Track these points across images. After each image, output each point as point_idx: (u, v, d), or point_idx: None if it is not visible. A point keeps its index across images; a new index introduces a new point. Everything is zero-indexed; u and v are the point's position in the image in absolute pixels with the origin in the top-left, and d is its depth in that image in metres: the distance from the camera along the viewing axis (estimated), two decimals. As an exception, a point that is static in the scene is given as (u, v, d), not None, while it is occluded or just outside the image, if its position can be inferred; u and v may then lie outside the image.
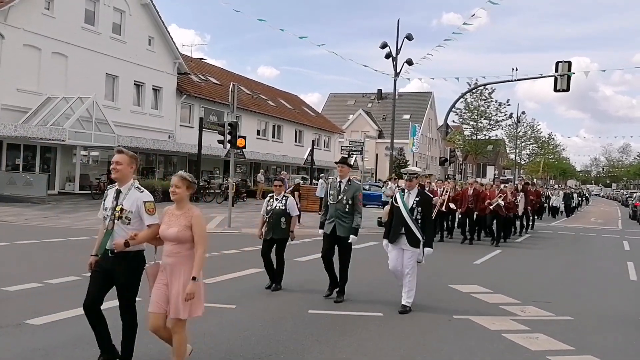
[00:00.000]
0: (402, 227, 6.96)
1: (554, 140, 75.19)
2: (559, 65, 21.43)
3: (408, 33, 23.39)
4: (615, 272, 11.88)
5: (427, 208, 7.09)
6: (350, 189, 7.42)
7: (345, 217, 7.37)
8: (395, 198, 7.15)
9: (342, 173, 7.56)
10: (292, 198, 8.25)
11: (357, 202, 7.42)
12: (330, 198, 7.54)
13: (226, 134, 16.10)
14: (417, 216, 6.96)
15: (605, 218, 35.19)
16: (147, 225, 4.53)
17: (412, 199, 7.01)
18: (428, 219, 7.09)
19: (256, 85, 43.74)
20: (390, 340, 5.85)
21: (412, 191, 7.08)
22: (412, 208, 6.96)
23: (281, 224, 8.01)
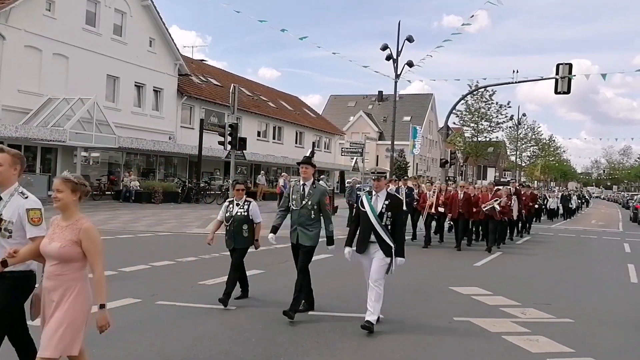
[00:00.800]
0: (370, 234, 6.21)
1: (554, 143, 75.23)
2: (560, 68, 21.43)
3: (409, 35, 23.37)
4: (615, 274, 11.87)
5: (397, 213, 6.27)
6: (316, 193, 6.66)
7: (310, 224, 6.65)
8: (362, 202, 6.34)
9: (305, 175, 6.75)
10: (255, 203, 7.47)
11: (324, 208, 6.72)
12: (293, 203, 6.72)
13: (227, 135, 16.11)
14: (386, 222, 6.18)
15: (606, 220, 35.16)
16: (30, 239, 3.66)
17: (380, 203, 6.23)
18: (399, 225, 6.29)
19: (257, 87, 43.78)
20: (390, 342, 5.84)
21: (380, 194, 6.31)
22: (380, 213, 6.18)
23: (243, 231, 7.24)
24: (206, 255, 10.61)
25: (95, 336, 4.87)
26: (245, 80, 42.80)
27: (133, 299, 6.93)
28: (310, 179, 6.76)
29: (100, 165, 27.39)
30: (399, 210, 6.34)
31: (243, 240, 7.28)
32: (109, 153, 27.03)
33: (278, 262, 10.88)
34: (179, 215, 19.29)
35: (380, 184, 6.36)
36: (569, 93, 21.75)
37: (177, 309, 6.59)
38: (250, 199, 7.46)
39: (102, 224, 15.93)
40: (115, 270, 8.77)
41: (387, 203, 6.23)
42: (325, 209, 6.75)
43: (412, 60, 23.72)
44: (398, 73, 23.68)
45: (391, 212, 6.20)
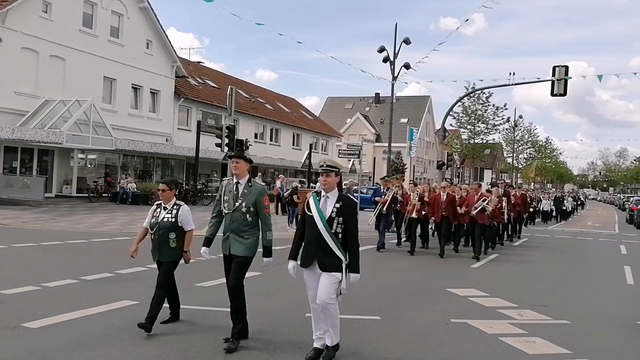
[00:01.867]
0: (316, 244, 5.01)
1: (551, 145, 75.41)
2: (556, 70, 21.49)
3: (405, 37, 23.43)
4: (612, 276, 11.90)
5: (351, 218, 5.06)
6: (252, 193, 5.58)
7: (244, 230, 5.54)
8: (308, 204, 5.14)
9: (237, 171, 5.60)
10: (186, 207, 6.17)
11: (261, 210, 5.58)
12: (225, 206, 5.62)
13: (224, 137, 16.11)
14: (337, 229, 4.98)
15: (602, 222, 35.24)
16: None
17: (330, 206, 5.02)
18: (352, 234, 5.07)
19: (254, 89, 43.79)
20: (387, 344, 5.85)
21: (330, 194, 5.06)
22: (330, 218, 4.98)
23: (170, 241, 5.98)
24: (203, 258, 10.59)
25: (92, 338, 4.87)
26: (243, 82, 42.82)
27: (130, 301, 6.93)
28: (245, 176, 5.66)
29: (97, 167, 27.37)
30: (353, 215, 5.08)
31: (170, 251, 6.02)
32: (105, 155, 27.00)
33: (275, 264, 10.86)
34: (176, 217, 19.24)
35: (329, 181, 5.04)
36: (566, 95, 21.83)
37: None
38: (180, 202, 6.18)
39: (99, 225, 15.90)
40: (112, 273, 8.75)
41: (338, 206, 5.00)
42: (263, 212, 5.61)
43: (409, 63, 23.81)
44: (395, 75, 23.74)
45: (343, 218, 4.99)
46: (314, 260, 5.04)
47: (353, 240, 5.07)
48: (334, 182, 5.10)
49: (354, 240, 5.08)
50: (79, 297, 7.04)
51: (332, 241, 4.99)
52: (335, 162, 5.10)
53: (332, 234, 4.99)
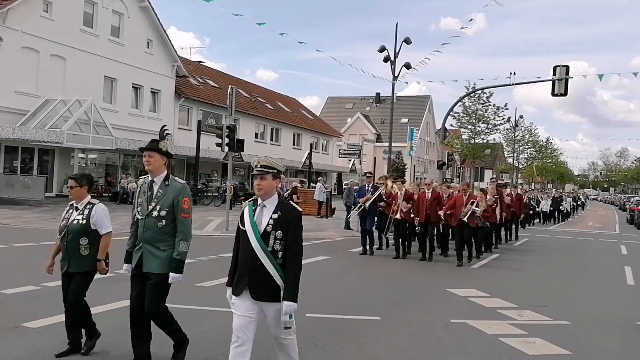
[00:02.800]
0: (250, 266, 3.93)
1: (551, 145, 75.39)
2: (557, 70, 21.47)
3: (406, 37, 23.44)
4: (612, 276, 11.89)
5: (293, 232, 3.95)
6: (169, 193, 4.60)
7: (160, 240, 4.56)
8: (242, 216, 4.05)
9: (151, 166, 4.63)
10: (101, 206, 5.10)
11: (179, 214, 4.59)
12: (138, 210, 4.66)
13: (224, 136, 16.10)
14: (274, 246, 3.91)
15: (602, 222, 35.22)
16: None
17: (266, 217, 3.95)
18: (294, 252, 3.95)
19: (254, 88, 43.79)
20: (387, 344, 5.85)
21: (268, 202, 3.98)
22: (265, 233, 3.91)
23: (81, 248, 4.95)
24: (203, 257, 10.61)
25: (93, 338, 4.85)
26: (243, 82, 42.82)
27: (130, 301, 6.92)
28: (161, 173, 4.67)
29: (98, 167, 27.39)
30: (295, 228, 3.97)
31: (81, 261, 4.96)
32: (106, 154, 27.02)
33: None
34: (176, 217, 19.25)
35: (264, 185, 3.95)
36: (566, 95, 21.81)
37: (174, 311, 6.54)
38: (95, 201, 5.12)
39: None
40: (112, 272, 8.73)
41: (275, 217, 3.93)
42: (180, 217, 4.58)
43: (410, 62, 23.81)
44: (396, 75, 23.73)
45: (282, 232, 3.91)
46: (246, 286, 3.94)
47: (294, 260, 3.93)
48: (271, 186, 3.97)
49: (295, 260, 3.93)
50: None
51: (269, 262, 3.88)
52: (272, 161, 4.02)
53: (269, 252, 3.88)
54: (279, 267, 3.91)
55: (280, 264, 3.91)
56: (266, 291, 3.91)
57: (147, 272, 4.55)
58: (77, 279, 4.96)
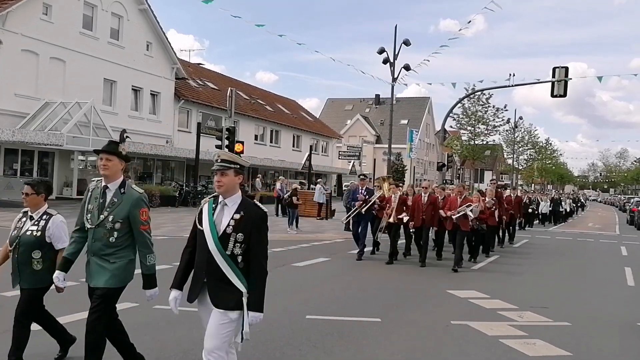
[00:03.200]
0: (207, 270, 3.61)
1: (551, 146, 75.44)
2: (556, 71, 21.52)
3: (405, 39, 23.49)
4: (612, 277, 11.89)
5: (256, 235, 3.60)
6: (125, 203, 4.14)
7: (109, 254, 4.12)
8: (200, 214, 3.72)
9: (108, 171, 4.19)
10: (59, 217, 4.67)
11: (137, 227, 4.16)
12: (88, 218, 4.19)
13: (224, 139, 16.13)
14: (234, 250, 3.56)
15: (602, 223, 35.21)
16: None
17: (227, 217, 3.61)
18: (258, 257, 3.61)
19: (254, 90, 43.82)
20: (387, 346, 5.85)
21: (229, 200, 3.64)
22: (225, 234, 3.57)
23: (33, 262, 4.53)
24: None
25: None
26: (243, 84, 42.86)
27: (131, 303, 6.92)
28: (117, 179, 4.22)
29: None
30: (259, 231, 3.62)
31: (33, 276, 4.54)
32: (106, 157, 27.00)
33: (275, 265, 10.88)
34: (176, 219, 19.26)
35: (225, 182, 3.60)
36: (566, 96, 21.86)
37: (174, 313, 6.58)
38: (52, 211, 4.67)
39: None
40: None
41: (237, 217, 3.58)
42: (139, 230, 4.16)
43: (409, 64, 23.84)
44: (395, 77, 23.76)
45: (243, 234, 3.56)
46: (201, 292, 3.62)
47: (258, 266, 3.58)
48: (233, 182, 3.61)
49: (259, 267, 3.58)
50: (79, 299, 7.01)
51: (228, 266, 3.55)
52: (234, 156, 3.66)
53: (228, 256, 3.54)
54: (239, 272, 3.56)
55: (242, 268, 3.56)
56: (223, 298, 3.54)
57: (93, 286, 4.14)
58: (26, 295, 4.54)
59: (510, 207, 16.63)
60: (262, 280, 3.60)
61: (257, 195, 32.24)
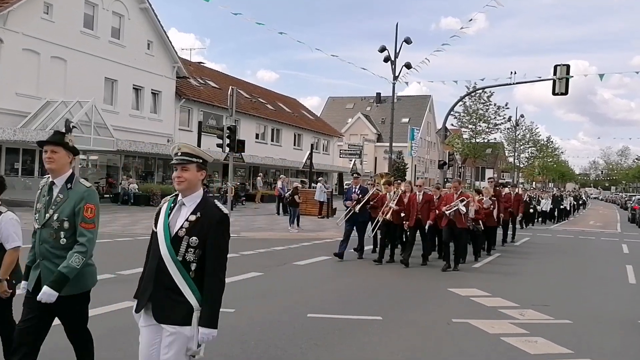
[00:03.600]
0: (155, 277, 3.13)
1: (552, 144, 75.39)
2: (558, 69, 21.45)
3: (407, 37, 23.44)
4: (614, 275, 11.89)
5: (213, 239, 3.11)
6: (71, 198, 3.72)
7: (59, 257, 3.67)
8: (157, 214, 3.27)
9: (54, 164, 3.81)
10: (10, 215, 4.21)
11: (79, 225, 3.66)
12: (36, 217, 3.80)
13: (225, 137, 16.11)
14: (187, 256, 3.08)
15: (604, 221, 35.19)
16: None
17: (182, 217, 3.14)
18: (214, 265, 3.13)
19: (255, 89, 43.81)
20: (389, 344, 5.85)
21: (188, 199, 3.17)
22: (176, 237, 3.10)
23: None
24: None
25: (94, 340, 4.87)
26: (244, 83, 42.83)
27: (131, 302, 6.92)
28: (64, 173, 3.81)
29: (99, 168, 27.40)
30: (218, 235, 3.12)
31: None
32: (107, 156, 27.02)
33: (277, 264, 10.89)
34: (177, 218, 19.28)
35: (187, 178, 3.14)
36: (567, 94, 21.77)
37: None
38: (2, 209, 4.24)
39: (101, 226, 15.80)
40: (113, 274, 8.77)
41: (193, 219, 3.11)
42: (80, 226, 3.67)
43: (410, 62, 23.80)
44: (396, 75, 23.74)
45: (198, 238, 3.08)
46: (148, 302, 3.13)
47: (213, 277, 3.09)
48: (195, 179, 3.16)
49: (214, 277, 3.10)
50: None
51: (179, 274, 3.05)
52: (196, 149, 3.23)
53: (179, 262, 3.07)
54: (191, 281, 3.07)
55: (194, 277, 3.07)
56: (173, 311, 3.04)
57: None
58: None
59: (509, 205, 16.43)
60: (217, 293, 3.12)
61: (257, 194, 32.29)
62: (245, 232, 16.39)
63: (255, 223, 19.81)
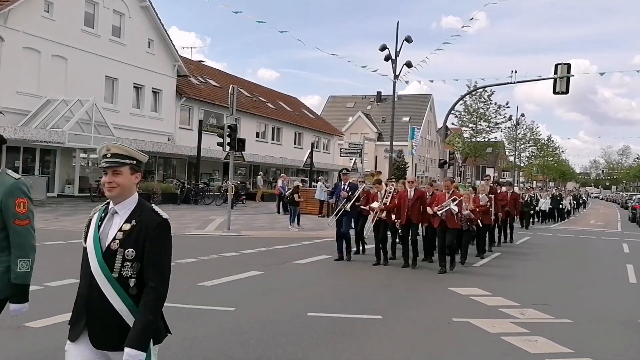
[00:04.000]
0: (87, 298, 2.72)
1: (553, 143, 75.34)
2: (558, 68, 21.43)
3: (407, 35, 23.41)
4: (614, 274, 11.89)
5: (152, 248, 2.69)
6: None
7: None
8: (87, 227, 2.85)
9: None
10: None
11: (11, 223, 3.27)
12: None
13: (225, 136, 16.11)
14: (123, 271, 2.67)
15: (604, 220, 35.19)
16: None
17: (114, 228, 2.74)
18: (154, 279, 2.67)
19: (255, 88, 43.79)
20: (389, 343, 5.85)
21: (120, 207, 2.79)
22: (109, 250, 2.69)
23: None
24: (205, 257, 10.61)
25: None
26: (244, 81, 42.82)
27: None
28: None
29: (99, 167, 27.39)
30: (157, 246, 2.70)
31: None
32: (107, 154, 27.02)
33: (277, 263, 10.89)
34: (177, 217, 19.28)
35: (119, 182, 2.77)
36: (568, 93, 21.75)
37: (176, 310, 6.58)
38: None
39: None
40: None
41: (127, 229, 2.70)
42: (13, 224, 3.28)
43: (411, 61, 23.77)
44: (397, 74, 23.72)
45: (135, 250, 2.66)
46: (84, 329, 2.67)
47: (151, 291, 2.63)
48: (128, 183, 2.78)
49: (152, 291, 2.63)
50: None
51: (115, 293, 2.63)
52: (128, 149, 2.83)
53: (114, 280, 2.64)
54: (130, 300, 2.63)
55: (135, 295, 2.64)
56: (113, 335, 2.62)
57: None
58: None
59: (505, 203, 15.99)
60: (154, 309, 2.62)
61: (258, 193, 32.29)
62: (245, 231, 16.39)
63: (256, 222, 19.82)
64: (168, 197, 25.79)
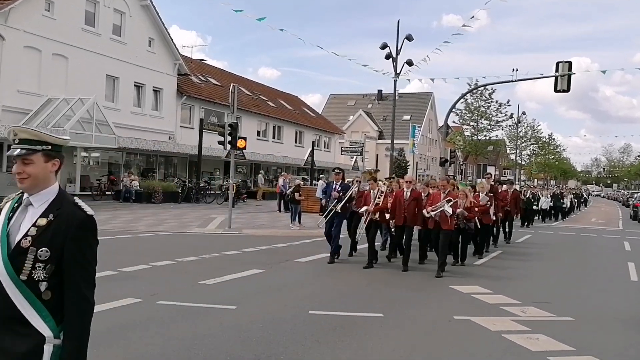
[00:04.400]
0: None
1: (554, 141, 75.30)
2: (559, 66, 21.43)
3: (408, 34, 23.46)
4: (616, 272, 11.88)
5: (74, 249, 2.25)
6: None
7: None
8: None
9: None
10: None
11: None
12: None
13: (226, 135, 16.11)
14: (33, 273, 2.21)
15: (606, 218, 35.17)
16: None
17: (27, 223, 2.28)
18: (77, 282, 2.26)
19: (256, 86, 43.79)
20: (390, 341, 5.85)
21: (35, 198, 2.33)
22: (18, 249, 2.23)
23: None
24: (206, 255, 10.62)
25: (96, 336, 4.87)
26: (245, 80, 42.81)
27: (133, 298, 6.94)
28: None
29: (100, 166, 27.40)
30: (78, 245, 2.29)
31: None
32: (108, 153, 27.04)
33: (278, 261, 10.89)
34: (179, 215, 19.30)
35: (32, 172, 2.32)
36: (569, 91, 21.76)
37: (177, 309, 6.59)
38: None
39: (103, 224, 15.92)
40: (115, 270, 8.78)
41: (42, 224, 2.27)
42: None
43: (412, 59, 23.78)
44: (398, 72, 23.72)
45: (50, 250, 2.24)
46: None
47: (76, 299, 2.27)
48: (42, 172, 2.33)
49: (78, 299, 2.27)
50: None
51: (24, 298, 2.24)
52: (40, 133, 2.37)
53: (22, 283, 2.23)
54: (41, 305, 2.24)
55: (47, 301, 2.24)
56: (16, 345, 2.21)
57: None
58: None
59: (505, 203, 15.63)
60: (83, 320, 2.28)
61: (259, 191, 32.31)
62: (246, 230, 16.40)
63: (257, 220, 19.82)
64: (169, 195, 25.84)
